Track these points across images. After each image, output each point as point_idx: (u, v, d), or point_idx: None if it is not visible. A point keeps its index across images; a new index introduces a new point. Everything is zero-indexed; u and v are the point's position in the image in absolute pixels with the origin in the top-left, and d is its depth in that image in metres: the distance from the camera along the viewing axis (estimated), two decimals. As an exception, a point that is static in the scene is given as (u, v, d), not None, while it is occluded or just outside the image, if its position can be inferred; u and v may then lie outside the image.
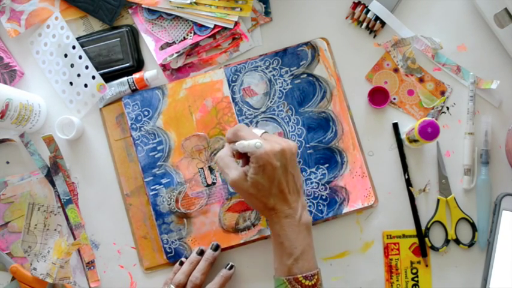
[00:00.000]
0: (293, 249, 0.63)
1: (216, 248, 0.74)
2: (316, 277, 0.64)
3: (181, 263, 0.74)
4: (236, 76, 0.78)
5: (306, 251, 0.64)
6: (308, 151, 0.76)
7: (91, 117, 0.80)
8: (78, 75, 0.79)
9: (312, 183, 0.75)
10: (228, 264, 0.74)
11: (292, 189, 0.65)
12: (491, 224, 0.74)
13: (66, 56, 0.79)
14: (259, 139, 0.63)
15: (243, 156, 0.67)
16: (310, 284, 0.63)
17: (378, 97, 0.77)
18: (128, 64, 0.79)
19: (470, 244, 0.75)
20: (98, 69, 0.78)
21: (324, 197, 0.75)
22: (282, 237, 0.64)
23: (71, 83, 0.79)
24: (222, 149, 0.70)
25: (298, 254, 0.63)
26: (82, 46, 0.79)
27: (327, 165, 0.76)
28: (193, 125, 0.77)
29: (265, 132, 0.69)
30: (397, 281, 0.75)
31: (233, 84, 0.78)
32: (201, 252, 0.74)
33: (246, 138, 0.64)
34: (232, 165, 0.66)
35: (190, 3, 0.77)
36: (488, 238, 0.74)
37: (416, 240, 0.75)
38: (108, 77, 0.79)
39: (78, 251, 0.78)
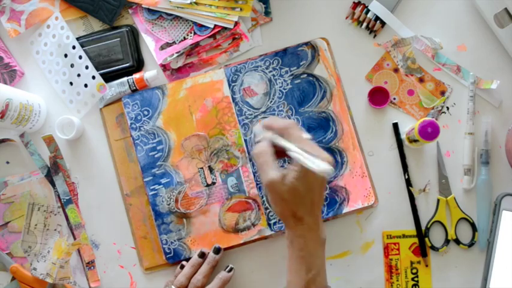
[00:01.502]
0: (312, 265, 0.62)
1: (217, 251, 0.74)
2: None
3: (182, 267, 0.74)
4: (236, 76, 0.78)
5: (322, 267, 0.63)
6: (308, 151, 0.76)
7: (91, 117, 0.80)
8: (78, 75, 0.79)
9: (312, 183, 0.75)
10: (228, 266, 0.74)
11: (320, 203, 0.64)
12: (491, 224, 0.74)
13: (66, 56, 0.79)
14: (307, 148, 0.59)
15: (282, 153, 0.63)
16: None
17: (378, 97, 0.77)
18: (127, 64, 0.79)
19: (470, 244, 0.75)
20: (98, 69, 0.78)
21: (323, 197, 0.75)
22: (304, 250, 0.62)
23: (71, 83, 0.79)
24: (260, 142, 0.64)
25: (318, 270, 0.62)
26: (82, 46, 0.79)
27: (327, 165, 0.76)
28: (193, 125, 0.77)
29: (311, 138, 0.64)
30: (397, 281, 0.75)
31: (233, 84, 0.78)
32: (202, 255, 0.74)
33: (294, 139, 0.61)
34: (273, 165, 0.61)
35: (190, 3, 0.77)
36: (488, 238, 0.74)
37: (416, 240, 0.75)
38: (108, 77, 0.79)
39: (78, 251, 0.78)
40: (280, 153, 0.63)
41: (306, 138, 0.62)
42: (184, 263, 0.75)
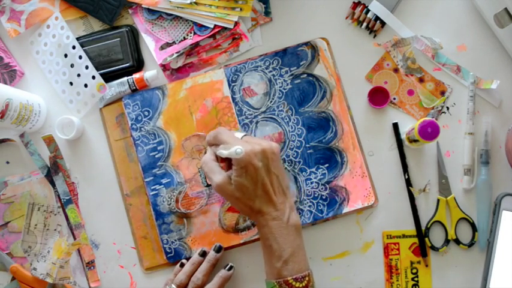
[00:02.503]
0: (282, 252, 0.63)
1: (218, 249, 0.74)
2: (307, 278, 0.63)
3: (182, 265, 0.74)
4: (236, 76, 0.78)
5: (295, 252, 0.64)
6: (308, 151, 0.76)
7: (91, 117, 0.80)
8: (78, 75, 0.79)
9: (312, 183, 0.75)
10: (228, 264, 0.74)
11: (278, 190, 0.65)
12: (491, 224, 0.74)
13: (66, 56, 0.79)
14: (239, 143, 0.63)
15: (226, 160, 0.67)
16: (301, 286, 0.63)
17: (378, 97, 0.77)
18: (128, 64, 0.79)
19: (470, 244, 0.75)
20: (98, 69, 0.78)
21: (324, 197, 0.75)
22: (270, 240, 0.64)
23: (71, 83, 0.79)
24: (205, 154, 0.70)
25: (288, 256, 0.63)
26: (82, 46, 0.79)
27: (327, 165, 0.76)
28: (194, 125, 0.77)
29: (245, 134, 0.70)
30: (397, 281, 0.75)
31: (233, 84, 0.78)
32: (203, 254, 0.74)
33: (227, 141, 0.64)
34: (216, 170, 0.66)
35: (190, 3, 0.77)
36: (488, 238, 0.74)
37: (416, 240, 0.75)
38: (108, 77, 0.79)
39: (78, 251, 0.78)
40: (223, 159, 0.67)
41: (241, 136, 0.68)
42: (184, 261, 0.75)
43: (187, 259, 0.75)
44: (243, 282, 0.76)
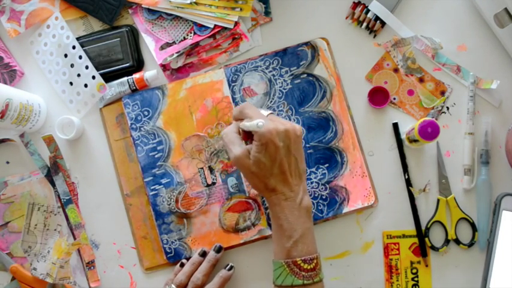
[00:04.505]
0: (292, 232, 0.63)
1: (219, 249, 0.74)
2: (315, 261, 0.63)
3: (182, 265, 0.74)
4: (236, 76, 0.78)
5: (305, 234, 0.64)
6: (308, 151, 0.76)
7: (91, 117, 0.80)
8: (78, 75, 0.79)
9: (312, 183, 0.75)
10: (228, 264, 0.74)
11: (294, 172, 0.65)
12: (491, 224, 0.74)
13: (66, 56, 0.79)
14: (263, 119, 0.63)
15: (249, 137, 0.66)
16: (309, 267, 0.63)
17: (378, 97, 0.77)
18: (128, 64, 0.79)
19: (470, 244, 0.75)
20: (98, 69, 0.78)
21: (324, 197, 0.75)
22: (281, 219, 0.64)
23: (71, 83, 0.79)
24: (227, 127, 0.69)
25: (298, 237, 0.63)
26: (82, 46, 0.79)
27: (327, 165, 0.76)
28: (193, 125, 0.77)
29: (271, 113, 0.69)
30: (397, 281, 0.75)
31: (233, 84, 0.78)
32: (203, 254, 0.74)
33: (252, 117, 0.64)
34: (237, 142, 0.65)
35: (190, 3, 0.77)
36: (488, 238, 0.74)
37: (416, 240, 0.75)
38: (108, 77, 0.79)
39: (78, 251, 0.78)
40: (246, 134, 0.67)
41: (267, 114, 0.67)
42: (184, 261, 0.75)
43: (188, 259, 0.75)
44: (243, 282, 0.76)
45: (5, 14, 0.81)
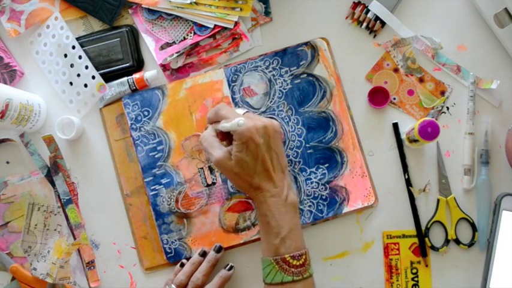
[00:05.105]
0: (280, 229, 0.63)
1: (219, 249, 0.74)
2: (304, 257, 0.63)
3: (182, 265, 0.74)
4: (236, 76, 0.78)
5: (293, 230, 0.64)
6: (308, 151, 0.76)
7: (91, 117, 0.80)
8: (78, 75, 0.79)
9: (312, 183, 0.75)
10: (228, 264, 0.74)
11: (277, 167, 0.65)
12: (491, 224, 0.74)
13: (66, 56, 0.79)
14: (241, 117, 0.63)
15: (227, 137, 0.67)
16: (298, 263, 0.63)
17: (378, 97, 0.77)
18: (128, 64, 0.79)
19: (470, 244, 0.75)
20: (98, 69, 0.78)
21: (324, 197, 0.75)
22: (268, 216, 0.64)
23: (71, 83, 0.79)
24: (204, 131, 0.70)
25: (285, 234, 0.63)
26: (82, 46, 0.79)
27: (327, 165, 0.76)
28: (193, 125, 0.77)
29: (247, 111, 0.69)
30: (397, 281, 0.75)
31: (233, 84, 0.78)
32: (203, 254, 0.74)
33: (229, 117, 0.64)
34: (216, 145, 0.66)
35: (190, 3, 0.77)
36: (488, 238, 0.74)
37: (416, 240, 0.75)
38: (108, 77, 0.79)
39: (78, 251, 0.78)
40: (224, 136, 0.67)
41: (242, 112, 0.67)
42: (184, 261, 0.75)
43: (188, 259, 0.75)
44: (243, 282, 0.76)
45: (5, 14, 0.81)
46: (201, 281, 0.71)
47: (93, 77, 0.78)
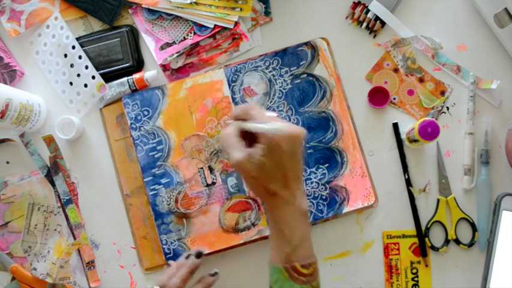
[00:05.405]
0: (292, 237, 0.62)
1: (198, 255, 0.72)
2: (313, 266, 0.63)
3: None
4: (236, 76, 0.78)
5: (304, 239, 0.63)
6: (308, 151, 0.76)
7: (91, 117, 0.80)
8: (78, 75, 0.79)
9: (312, 183, 0.75)
10: (212, 270, 0.72)
11: (295, 175, 0.64)
12: (491, 224, 0.74)
13: (66, 56, 0.79)
14: (273, 122, 0.61)
15: (247, 137, 0.64)
16: (307, 272, 0.62)
17: (378, 97, 0.77)
18: (128, 64, 0.79)
19: (470, 244, 0.75)
20: (98, 69, 0.78)
21: (324, 197, 0.75)
22: (281, 224, 0.62)
23: (71, 83, 0.79)
24: (225, 128, 0.67)
25: (298, 242, 0.62)
26: (82, 46, 0.79)
27: (327, 165, 0.76)
28: (193, 124, 0.77)
29: (278, 115, 0.67)
30: (397, 281, 0.75)
31: (233, 84, 0.78)
32: (199, 255, 0.73)
33: (259, 119, 0.62)
34: (237, 146, 0.62)
35: (190, 3, 0.77)
36: (488, 238, 0.74)
37: (416, 240, 0.75)
38: (108, 77, 0.79)
39: (78, 251, 0.78)
40: (245, 135, 0.64)
41: (270, 116, 0.64)
42: (170, 262, 0.74)
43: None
44: (243, 282, 0.76)
45: (5, 14, 0.81)
46: (177, 286, 0.69)
47: (93, 77, 0.78)
